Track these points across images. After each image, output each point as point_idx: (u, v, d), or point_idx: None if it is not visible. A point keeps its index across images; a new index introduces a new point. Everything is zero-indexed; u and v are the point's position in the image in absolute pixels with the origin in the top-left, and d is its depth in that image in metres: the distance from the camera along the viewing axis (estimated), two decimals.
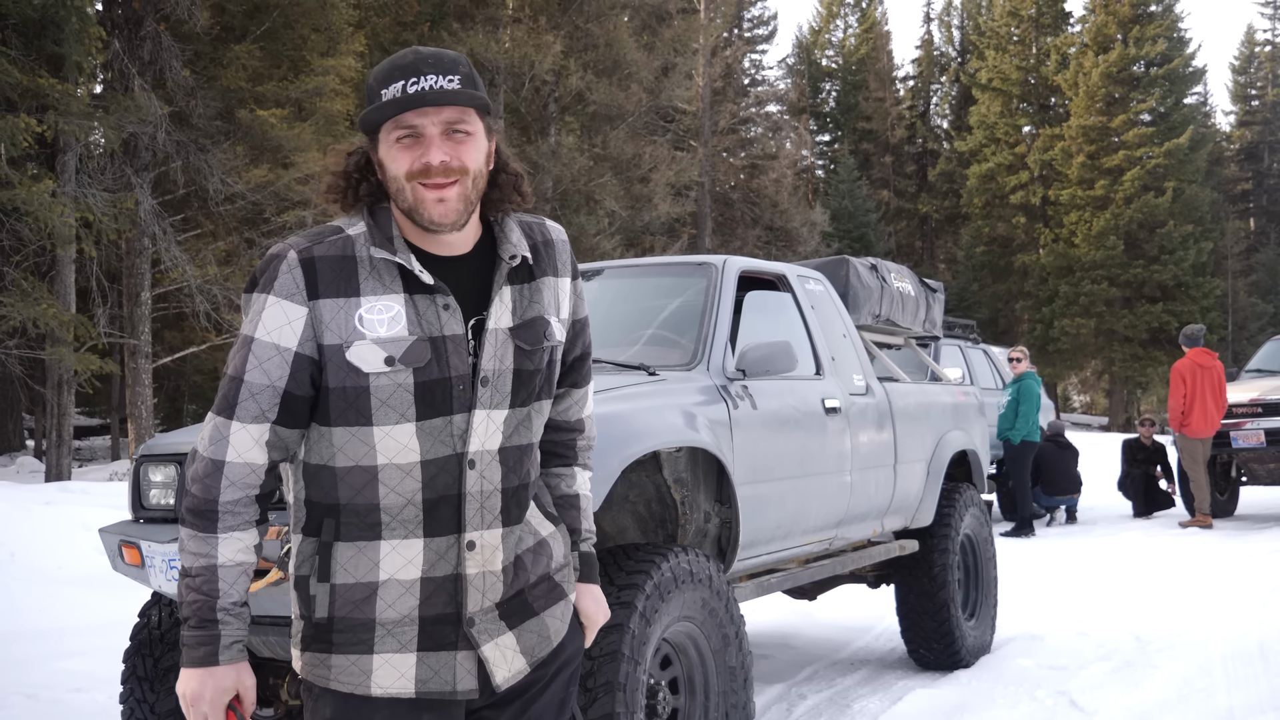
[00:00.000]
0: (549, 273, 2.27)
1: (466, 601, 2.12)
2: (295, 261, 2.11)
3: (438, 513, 2.11)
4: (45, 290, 16.42)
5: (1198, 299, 42.23)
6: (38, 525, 9.48)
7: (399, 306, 2.10)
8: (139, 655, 4.62)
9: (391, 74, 2.10)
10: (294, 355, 2.09)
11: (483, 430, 2.13)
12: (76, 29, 15.45)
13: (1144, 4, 44.91)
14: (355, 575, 2.12)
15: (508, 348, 2.16)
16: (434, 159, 2.08)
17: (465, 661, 2.14)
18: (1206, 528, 13.52)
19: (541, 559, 2.26)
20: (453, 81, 2.09)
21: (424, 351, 2.09)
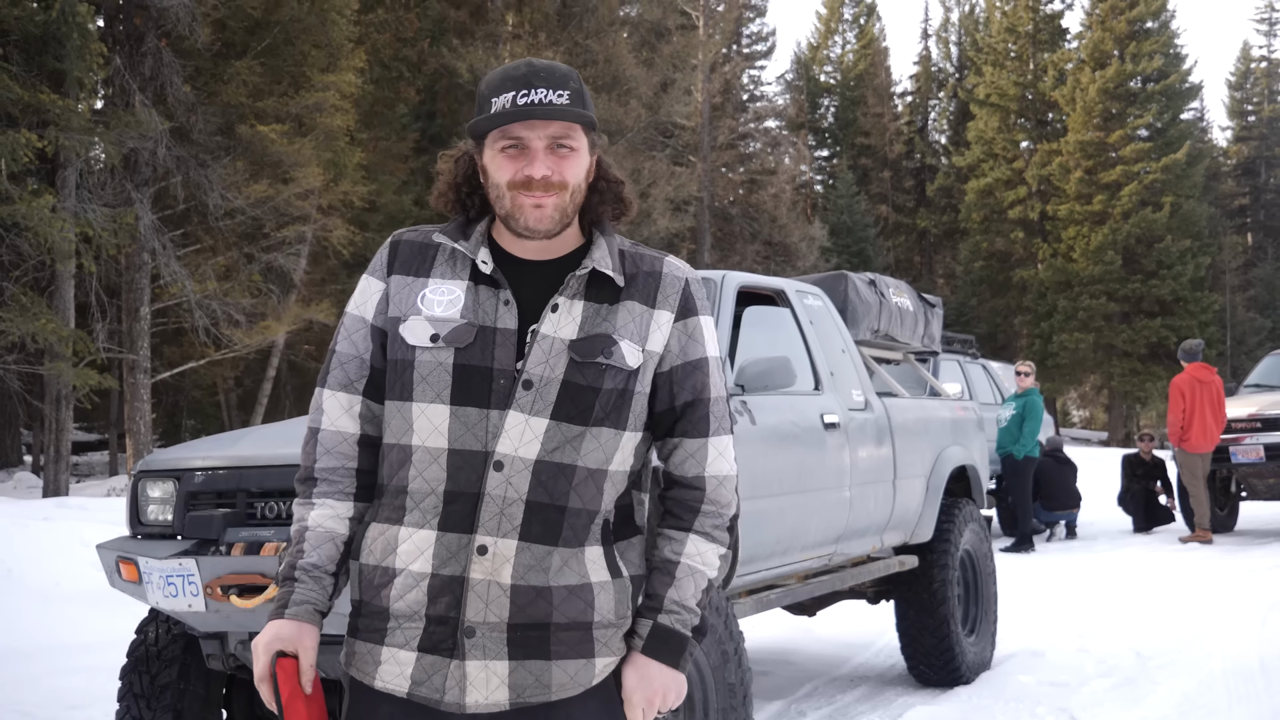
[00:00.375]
0: (638, 300, 2.20)
1: (466, 608, 2.08)
2: (388, 244, 2.27)
3: (455, 508, 2.09)
4: (44, 305, 16.42)
5: (1196, 314, 42.26)
6: (35, 541, 9.45)
7: (460, 292, 2.16)
8: (136, 672, 4.60)
9: (504, 84, 2.14)
10: (371, 327, 2.22)
11: (517, 434, 2.09)
12: (78, 45, 15.49)
13: (1140, 20, 45.04)
14: (376, 557, 2.15)
15: (561, 357, 2.12)
16: (536, 172, 2.12)
17: (457, 672, 2.09)
18: (1206, 543, 13.51)
19: (578, 604, 2.12)
20: (562, 96, 2.13)
21: (468, 335, 2.12)
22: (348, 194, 20.80)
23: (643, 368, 2.18)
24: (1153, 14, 45.13)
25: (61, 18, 15.19)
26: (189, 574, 4.00)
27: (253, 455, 4.30)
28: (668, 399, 2.23)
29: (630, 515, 2.26)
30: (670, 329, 2.22)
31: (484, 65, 25.63)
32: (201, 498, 4.28)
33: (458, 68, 25.98)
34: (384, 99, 25.92)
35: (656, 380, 2.22)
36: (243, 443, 4.61)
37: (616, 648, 2.18)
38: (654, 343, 2.20)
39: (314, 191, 19.62)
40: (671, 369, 2.22)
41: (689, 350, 2.24)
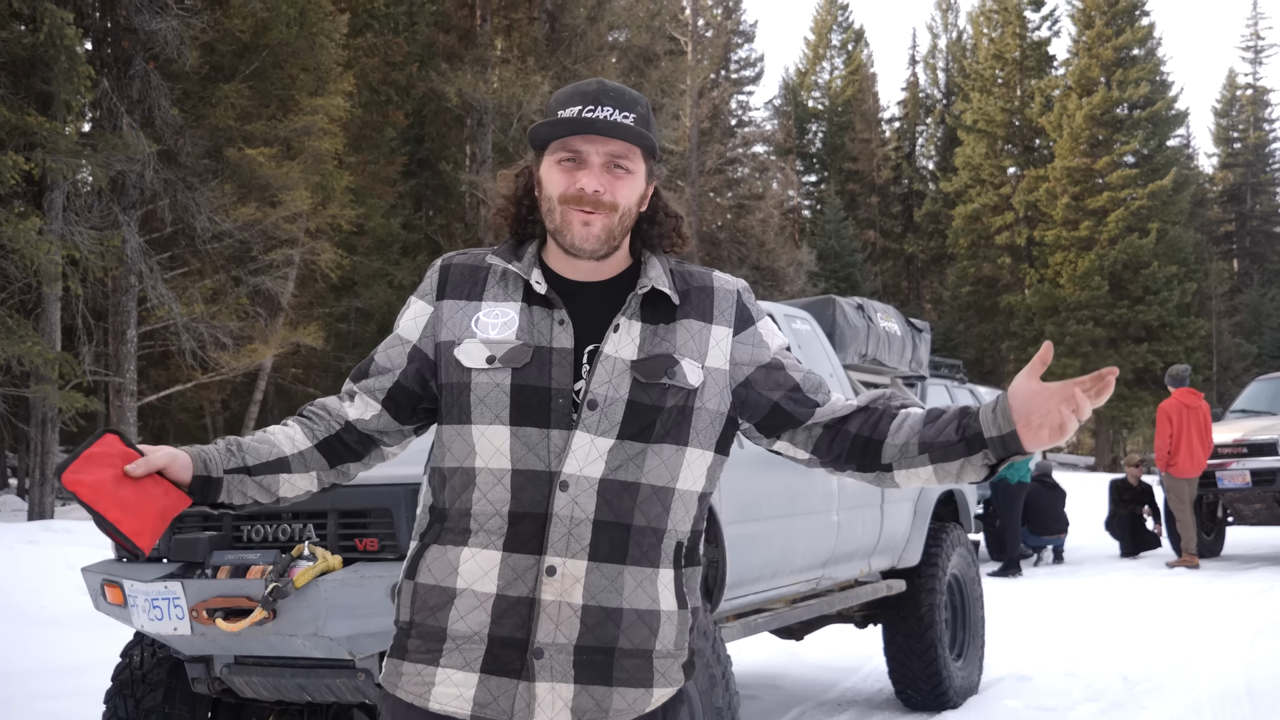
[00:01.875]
0: (694, 317, 2.21)
1: (537, 628, 2.07)
2: (438, 268, 2.28)
3: (521, 528, 2.08)
4: (30, 328, 16.37)
5: (1182, 339, 42.42)
6: (20, 564, 9.41)
7: (514, 314, 2.16)
8: (120, 696, 4.57)
9: (572, 97, 2.17)
10: (412, 347, 2.24)
11: (583, 454, 2.09)
12: (66, 68, 15.48)
13: (1127, 47, 45.35)
14: (435, 577, 2.13)
15: (624, 377, 2.12)
16: (588, 186, 2.13)
17: (525, 693, 2.08)
18: (1193, 568, 13.53)
19: (643, 630, 2.12)
20: (627, 118, 2.15)
21: (525, 355, 2.11)
22: (336, 217, 20.80)
23: (704, 385, 2.18)
24: (1139, 41, 45.45)
25: (49, 40, 15.19)
26: (174, 597, 3.99)
27: None
28: (763, 403, 2.22)
29: (698, 544, 2.26)
30: (730, 343, 2.23)
31: (472, 89, 25.71)
32: (187, 521, 4.27)
33: (446, 92, 26.05)
34: (372, 122, 25.96)
35: (739, 395, 2.22)
36: None
37: (674, 678, 2.19)
38: (714, 359, 2.20)
39: (302, 215, 19.62)
40: (749, 379, 2.22)
41: (759, 356, 2.24)
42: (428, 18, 28.55)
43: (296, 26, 19.61)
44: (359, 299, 26.00)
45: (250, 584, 3.86)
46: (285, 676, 4.09)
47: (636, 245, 2.27)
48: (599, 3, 29.33)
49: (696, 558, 2.25)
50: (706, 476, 2.22)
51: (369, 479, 3.18)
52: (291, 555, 3.88)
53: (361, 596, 3.76)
